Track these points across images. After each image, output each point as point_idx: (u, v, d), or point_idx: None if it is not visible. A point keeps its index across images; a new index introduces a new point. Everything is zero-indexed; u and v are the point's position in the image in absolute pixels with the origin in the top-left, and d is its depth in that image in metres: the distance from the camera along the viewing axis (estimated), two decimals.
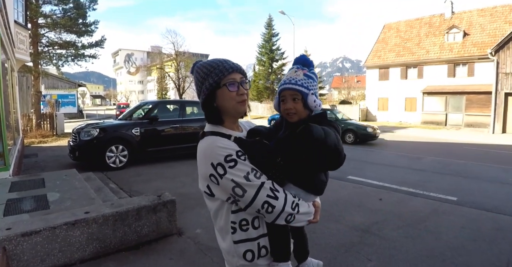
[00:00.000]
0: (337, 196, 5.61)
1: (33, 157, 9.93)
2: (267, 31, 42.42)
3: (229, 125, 1.32)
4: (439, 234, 4.07)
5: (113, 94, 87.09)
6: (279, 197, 1.18)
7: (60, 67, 19.97)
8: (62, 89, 31.44)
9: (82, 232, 3.23)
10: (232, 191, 1.16)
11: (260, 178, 1.18)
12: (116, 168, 7.74)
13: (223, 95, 1.25)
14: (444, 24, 26.28)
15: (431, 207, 5.13)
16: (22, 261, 2.89)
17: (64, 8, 17.77)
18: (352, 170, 7.90)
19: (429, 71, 25.02)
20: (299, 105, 1.29)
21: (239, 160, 1.17)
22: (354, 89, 46.76)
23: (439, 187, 6.39)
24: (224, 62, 1.28)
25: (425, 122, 23.94)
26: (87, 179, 6.16)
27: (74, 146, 7.76)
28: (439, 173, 7.87)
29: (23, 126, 15.70)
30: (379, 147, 12.67)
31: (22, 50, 11.41)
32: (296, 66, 1.36)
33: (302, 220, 1.27)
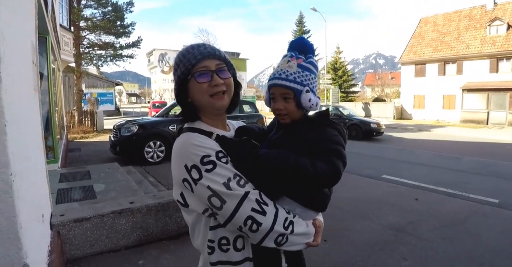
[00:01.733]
0: (370, 195, 5.57)
1: (76, 151, 10.54)
2: (298, 28, 42.24)
3: (210, 122, 1.11)
4: (478, 236, 3.97)
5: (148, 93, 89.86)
6: (268, 212, 0.95)
7: (99, 67, 20.92)
8: (101, 87, 32.86)
9: (127, 221, 3.45)
10: (208, 201, 0.94)
11: (244, 186, 0.96)
12: (154, 163, 8.09)
13: (193, 88, 1.04)
14: (486, 16, 24.96)
15: (470, 209, 4.99)
16: (74, 245, 3.15)
17: (103, 11, 18.65)
18: (387, 169, 7.78)
19: (469, 66, 23.90)
20: (291, 105, 1.08)
21: (219, 163, 0.96)
22: (388, 86, 45.52)
23: (479, 189, 6.17)
24: (196, 48, 1.05)
25: (464, 120, 22.95)
26: (128, 172, 6.49)
27: (115, 141, 8.18)
28: (480, 174, 7.59)
29: (66, 122, 16.67)
30: (414, 146, 12.33)
31: (66, 51, 12.10)
32: (290, 53, 1.11)
33: (298, 243, 1.03)
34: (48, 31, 5.69)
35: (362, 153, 10.36)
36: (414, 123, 23.20)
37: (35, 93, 2.76)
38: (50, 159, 6.05)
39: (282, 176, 0.99)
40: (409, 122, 24.16)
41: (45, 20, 5.00)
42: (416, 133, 17.46)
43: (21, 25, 2.23)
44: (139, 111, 36.01)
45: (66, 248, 3.11)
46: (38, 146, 2.72)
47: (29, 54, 2.54)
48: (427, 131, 18.37)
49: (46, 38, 5.97)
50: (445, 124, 22.92)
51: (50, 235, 2.80)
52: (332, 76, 36.63)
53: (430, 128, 19.50)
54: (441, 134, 17.11)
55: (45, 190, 2.94)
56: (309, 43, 1.14)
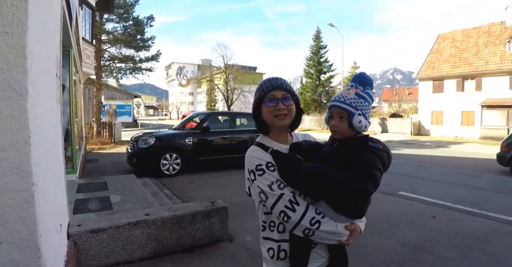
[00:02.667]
0: (388, 211, 5.46)
1: (94, 162, 10.70)
2: (315, 43, 42.52)
3: (275, 136, 1.46)
4: (498, 256, 3.83)
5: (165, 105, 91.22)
6: (297, 210, 1.25)
7: (119, 79, 21.43)
8: (120, 99, 33.57)
9: (142, 232, 3.47)
10: (259, 195, 1.32)
11: (282, 189, 1.29)
12: (170, 175, 8.16)
13: (264, 110, 1.41)
14: (506, 32, 24.58)
15: (490, 228, 4.83)
16: (89, 256, 3.18)
17: (125, 25, 19.19)
18: (404, 185, 7.63)
19: (489, 83, 23.45)
20: (344, 124, 1.33)
21: (267, 171, 1.31)
22: (405, 101, 44.96)
23: (500, 207, 5.97)
24: (270, 81, 1.42)
25: (484, 137, 22.38)
26: (144, 184, 6.56)
27: (132, 153, 8.30)
28: (500, 192, 7.35)
29: (85, 133, 17.01)
30: (432, 162, 12.07)
31: (88, 64, 12.45)
32: (351, 83, 1.39)
33: (327, 238, 1.29)
34: (71, 44, 5.89)
35: None
36: (432, 139, 22.75)
37: (58, 105, 2.85)
38: (69, 170, 6.18)
39: (318, 185, 1.26)
40: (426, 138, 23.70)
41: (69, 34, 5.18)
42: (434, 150, 17.10)
43: (47, 39, 2.33)
44: (156, 123, 36.55)
45: (82, 259, 3.14)
46: (58, 157, 2.79)
47: (53, 67, 2.64)
48: (445, 148, 17.96)
49: (69, 51, 6.18)
50: (464, 140, 22.39)
51: (67, 245, 2.84)
52: None
53: (449, 145, 19.07)
54: (459, 151, 16.69)
55: (64, 200, 3.00)
56: (368, 78, 1.41)
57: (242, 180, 1.43)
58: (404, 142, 20.53)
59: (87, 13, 12.93)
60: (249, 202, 1.43)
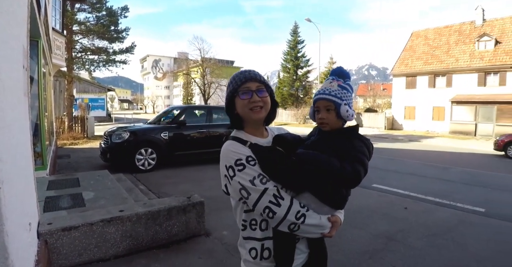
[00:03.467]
0: (362, 204, 5.60)
1: (66, 158, 10.36)
2: (292, 38, 42.62)
3: (251, 130, 1.39)
4: (465, 245, 4.01)
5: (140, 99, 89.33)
6: (282, 204, 1.21)
7: (91, 72, 20.78)
8: (93, 93, 32.60)
9: (116, 229, 3.40)
10: (239, 192, 1.25)
11: (265, 184, 1.23)
12: (145, 171, 8.02)
13: (238, 103, 1.34)
14: (475, 31, 25.56)
15: (458, 218, 5.05)
16: (61, 255, 3.09)
17: (98, 15, 18.55)
18: (377, 178, 7.83)
19: (459, 79, 24.36)
20: (332, 115, 1.35)
21: (248, 165, 1.25)
22: (380, 97, 46.04)
23: (467, 198, 6.25)
24: (243, 73, 1.37)
25: (453, 131, 23.27)
26: (119, 180, 6.42)
27: (106, 148, 8.10)
28: (467, 184, 7.69)
29: (56, 128, 16.43)
30: (404, 156, 12.45)
31: (58, 55, 11.96)
32: (332, 77, 1.42)
33: (311, 232, 1.27)
34: (40, 34, 5.64)
35: None
36: (404, 134, 23.45)
37: (25, 98, 2.73)
38: (39, 166, 5.96)
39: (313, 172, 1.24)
40: (399, 133, 24.40)
41: (37, 23, 4.95)
42: (406, 143, 17.65)
43: (13, 29, 2.22)
44: (131, 118, 35.79)
45: (54, 258, 3.05)
46: (26, 153, 2.68)
47: (20, 58, 2.52)
48: (417, 142, 18.58)
49: (38, 41, 5.91)
50: (435, 135, 23.20)
51: (37, 244, 2.74)
52: None
53: (420, 139, 19.73)
54: (430, 145, 17.33)
55: (33, 197, 2.89)
56: (345, 71, 1.44)
57: (218, 174, 1.36)
58: (378, 136, 21.05)
59: (57, 2, 12.41)
60: (226, 197, 1.37)
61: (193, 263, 3.31)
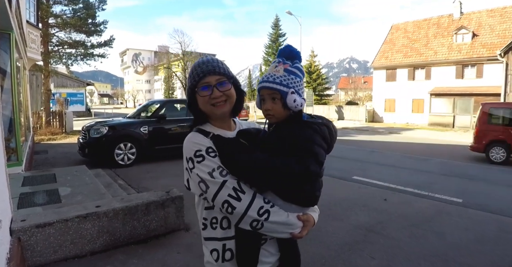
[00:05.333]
0: (342, 196, 5.66)
1: (43, 153, 10.12)
2: (274, 31, 42.53)
3: (218, 124, 1.31)
4: (443, 234, 4.11)
5: (121, 93, 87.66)
6: (243, 199, 1.11)
7: (69, 66, 20.21)
8: (71, 87, 31.80)
9: (93, 225, 3.33)
10: (198, 186, 1.15)
11: (225, 176, 1.13)
12: (125, 165, 7.88)
13: (199, 100, 1.24)
14: (453, 24, 26.11)
15: (435, 208, 5.16)
16: (36, 252, 3.00)
17: (74, 8, 17.98)
18: (357, 170, 7.94)
19: (437, 72, 24.89)
20: (278, 105, 1.19)
21: (207, 157, 1.15)
22: (361, 90, 46.60)
23: (445, 189, 6.41)
24: (201, 65, 1.24)
25: (432, 123, 23.82)
26: (97, 175, 6.29)
27: (84, 143, 7.91)
28: (445, 175, 7.88)
29: (33, 123, 15.98)
30: (384, 148, 12.67)
31: (33, 49, 11.59)
32: (278, 59, 1.25)
33: (278, 231, 1.15)
34: (11, 27, 5.43)
35: (333, 154, 10.48)
36: (385, 126, 23.86)
37: None
38: (13, 162, 5.77)
39: (258, 177, 1.12)
40: (380, 125, 24.81)
41: (8, 15, 4.77)
42: (386, 136, 17.96)
43: None
44: (111, 112, 35.11)
45: (28, 255, 2.96)
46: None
47: None
48: (397, 134, 18.94)
49: (10, 34, 5.70)
50: (414, 127, 23.70)
51: (9, 242, 2.66)
52: (307, 79, 37.07)
53: (400, 131, 20.12)
54: (410, 137, 17.69)
55: (5, 194, 2.79)
56: (295, 50, 1.27)
57: None
58: (359, 129, 21.34)
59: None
60: None
61: (171, 258, 3.27)
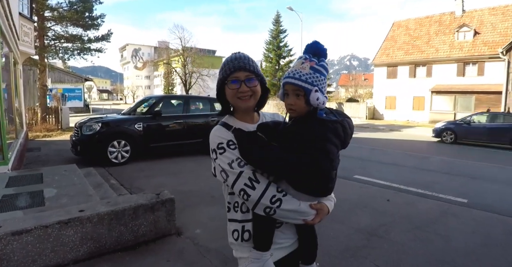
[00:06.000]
0: (343, 196, 5.42)
1: (36, 151, 9.88)
2: (274, 27, 42.12)
3: (241, 116, 1.41)
4: (449, 238, 3.88)
5: (120, 89, 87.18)
6: (257, 188, 1.21)
7: (66, 60, 19.91)
8: (69, 83, 31.45)
9: (75, 231, 3.09)
10: (220, 175, 1.29)
11: (242, 167, 1.24)
12: (118, 164, 7.62)
13: (227, 92, 1.35)
14: (455, 22, 25.81)
15: (440, 209, 4.93)
16: (12, 261, 2.76)
17: (71, 1, 17.64)
18: (359, 169, 7.70)
19: (438, 70, 24.62)
20: (301, 102, 1.24)
21: (228, 149, 1.28)
22: (361, 87, 46.33)
23: (449, 188, 6.17)
24: (233, 61, 1.35)
25: (433, 121, 23.52)
26: (87, 175, 6.04)
27: (76, 141, 7.66)
28: (448, 173, 7.65)
29: (28, 119, 15.70)
30: (385, 145, 12.43)
31: (26, 42, 11.31)
32: (305, 55, 1.28)
33: (290, 217, 1.25)
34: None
35: None
36: (385, 123, 23.61)
37: None
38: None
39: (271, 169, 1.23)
40: (380, 122, 24.56)
41: None
42: (387, 133, 17.72)
43: None
44: (110, 108, 34.81)
45: (3, 265, 2.72)
46: None
47: None
48: (398, 131, 18.69)
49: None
50: (415, 124, 23.46)
51: None
52: None
53: (401, 128, 19.86)
54: (410, 134, 17.45)
55: None
56: (322, 47, 1.29)
57: (196, 167, 1.30)
58: (360, 126, 21.10)
59: None
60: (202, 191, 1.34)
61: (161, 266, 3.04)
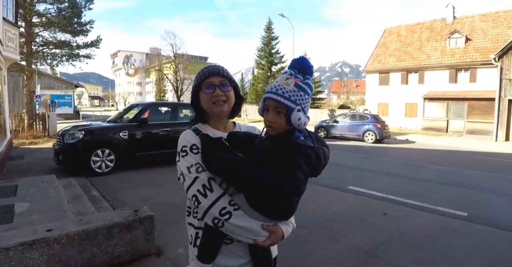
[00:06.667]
0: (337, 209, 5.14)
1: (18, 159, 9.49)
2: (266, 34, 42.12)
3: (214, 124, 1.41)
4: (453, 258, 3.59)
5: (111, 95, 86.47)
6: (209, 196, 1.18)
7: (54, 67, 19.52)
8: (59, 89, 30.99)
9: (41, 254, 2.76)
10: (179, 177, 1.28)
11: (200, 173, 1.22)
12: (102, 173, 7.25)
13: (202, 97, 1.36)
14: (446, 29, 25.96)
15: (440, 224, 4.66)
16: None
17: (59, 7, 17.33)
18: (353, 179, 7.44)
19: (430, 76, 24.65)
20: (281, 120, 1.16)
21: (190, 153, 1.27)
22: (353, 94, 46.41)
23: (446, 200, 5.92)
24: (208, 68, 1.37)
25: (425, 128, 23.53)
26: (67, 186, 5.70)
27: (58, 150, 7.28)
28: (445, 183, 7.41)
29: (15, 126, 15.27)
30: (378, 154, 12.21)
31: (11, 48, 10.99)
32: (290, 71, 1.20)
33: (240, 234, 1.18)
34: None
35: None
36: None
37: None
38: None
39: (230, 178, 1.19)
40: None
41: None
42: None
43: None
44: (100, 115, 34.27)
45: None
46: None
47: None
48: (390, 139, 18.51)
49: None
50: (408, 131, 23.38)
51: None
52: None
53: (394, 136, 19.69)
54: (403, 141, 17.28)
55: None
56: (309, 64, 1.23)
57: None
58: None
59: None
60: None
61: None
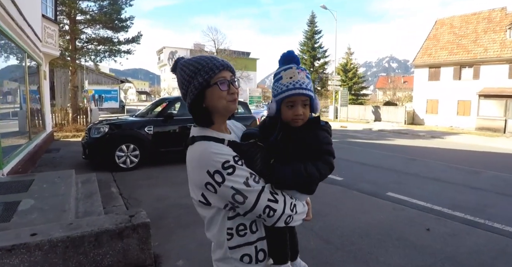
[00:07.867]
0: (371, 221, 4.47)
1: (54, 152, 9.81)
2: (309, 28, 41.16)
3: (218, 126, 1.24)
4: None
5: (157, 91, 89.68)
6: (279, 200, 1.15)
7: (97, 62, 20.18)
8: (106, 84, 32.28)
9: (21, 261, 2.47)
10: (231, 199, 1.09)
11: (259, 182, 1.13)
12: (127, 169, 7.13)
13: (213, 95, 1.16)
14: (506, 19, 23.48)
15: (496, 246, 3.84)
16: None
17: (101, 4, 17.87)
18: (393, 184, 6.66)
19: (487, 71, 22.46)
20: (307, 111, 1.24)
21: (237, 166, 1.10)
22: (400, 90, 44.04)
23: (505, 215, 4.98)
24: (213, 59, 1.20)
25: (480, 128, 21.54)
26: (85, 182, 5.54)
27: (84, 144, 7.27)
28: (504, 194, 6.35)
29: (60, 120, 16.03)
30: (426, 155, 11.09)
31: (50, 44, 11.33)
32: (295, 66, 1.24)
33: (299, 220, 1.24)
34: None
35: (363, 162, 9.22)
36: (426, 129, 21.84)
37: None
38: None
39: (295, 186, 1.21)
40: (420, 128, 22.81)
41: None
42: (428, 140, 16.16)
43: None
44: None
45: None
46: None
47: None
48: (440, 139, 17.02)
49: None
50: (459, 131, 21.53)
51: None
52: (342, 78, 35.36)
53: (443, 135, 18.14)
54: (455, 142, 15.75)
55: None
56: (297, 56, 1.28)
57: None
58: (397, 132, 19.63)
59: None
60: None
61: None
